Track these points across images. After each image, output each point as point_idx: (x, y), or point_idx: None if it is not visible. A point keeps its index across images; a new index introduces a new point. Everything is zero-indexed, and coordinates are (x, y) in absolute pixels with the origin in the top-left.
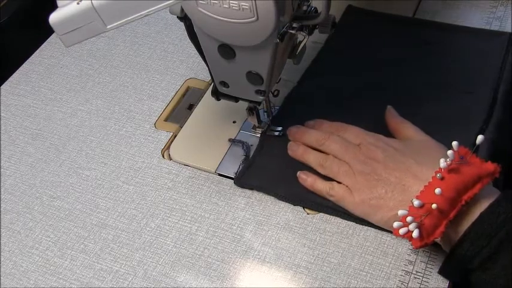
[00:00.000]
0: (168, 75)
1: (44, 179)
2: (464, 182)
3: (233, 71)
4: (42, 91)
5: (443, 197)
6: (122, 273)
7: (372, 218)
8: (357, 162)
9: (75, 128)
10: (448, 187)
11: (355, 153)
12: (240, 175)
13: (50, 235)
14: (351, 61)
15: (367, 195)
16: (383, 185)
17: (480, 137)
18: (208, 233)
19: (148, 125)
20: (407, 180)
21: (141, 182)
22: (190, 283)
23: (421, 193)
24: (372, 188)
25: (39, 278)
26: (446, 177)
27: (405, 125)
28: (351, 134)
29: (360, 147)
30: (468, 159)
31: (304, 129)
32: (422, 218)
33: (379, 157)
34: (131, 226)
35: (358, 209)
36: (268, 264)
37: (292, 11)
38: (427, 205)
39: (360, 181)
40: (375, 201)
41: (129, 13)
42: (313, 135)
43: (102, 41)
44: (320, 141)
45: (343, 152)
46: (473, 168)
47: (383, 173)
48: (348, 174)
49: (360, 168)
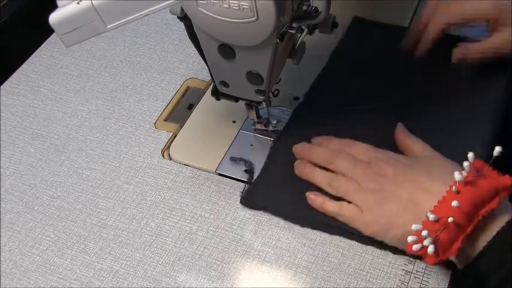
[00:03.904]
0: (168, 75)
1: (44, 179)
2: (481, 195)
3: (233, 70)
4: (42, 91)
5: (460, 211)
6: (122, 273)
7: (384, 237)
8: (367, 180)
9: (75, 128)
10: (465, 201)
11: (365, 170)
12: (246, 194)
13: (50, 235)
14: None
15: (378, 213)
16: (394, 201)
17: (497, 148)
18: (208, 232)
19: (148, 125)
20: (419, 196)
21: (141, 182)
22: (190, 283)
23: (436, 207)
24: (382, 206)
25: (39, 277)
26: (463, 190)
27: (414, 142)
28: (360, 150)
29: (369, 164)
30: (484, 172)
31: (311, 147)
32: (438, 233)
33: (389, 173)
34: (131, 226)
35: (370, 228)
36: (268, 264)
37: (292, 11)
38: (443, 219)
39: (370, 199)
40: (386, 219)
41: (129, 13)
42: (320, 153)
43: (102, 41)
44: (328, 160)
45: (352, 169)
46: (490, 181)
47: (393, 189)
48: (358, 192)
49: (369, 185)
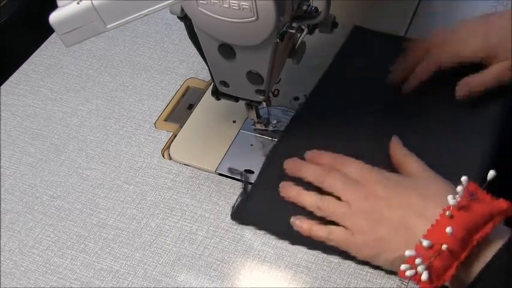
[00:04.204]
0: (168, 75)
1: (44, 179)
2: (476, 220)
3: (233, 70)
4: (42, 91)
5: (454, 237)
6: (122, 273)
7: (376, 261)
8: (358, 201)
9: (75, 128)
10: (459, 226)
11: (356, 191)
12: (237, 209)
13: (50, 235)
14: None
15: (370, 237)
16: (385, 224)
17: (491, 172)
18: (208, 232)
19: (148, 124)
20: (411, 219)
21: (141, 182)
22: (190, 283)
23: (429, 232)
24: (374, 228)
25: (39, 277)
26: (456, 215)
27: (409, 159)
28: (352, 168)
29: (361, 184)
30: (479, 196)
31: (302, 164)
32: (431, 260)
33: (381, 194)
34: (131, 226)
35: (362, 252)
36: (268, 264)
37: (292, 10)
38: (437, 246)
39: (361, 222)
40: (377, 242)
41: (129, 13)
42: (311, 171)
43: (102, 41)
44: (319, 179)
45: (343, 189)
46: (484, 205)
47: (385, 211)
48: (348, 215)
49: (360, 207)
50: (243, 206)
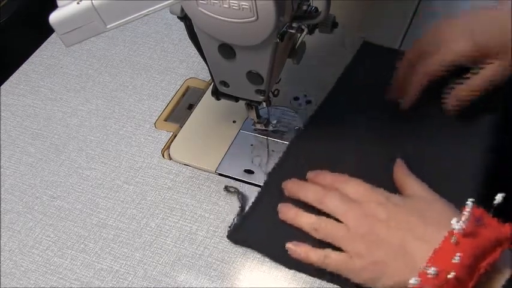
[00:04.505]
0: (168, 75)
1: (44, 179)
2: (483, 246)
3: (233, 70)
4: (42, 91)
5: (461, 265)
6: (122, 273)
7: (375, 285)
8: (356, 223)
9: (75, 128)
10: (466, 253)
11: (355, 213)
12: (233, 230)
13: (50, 235)
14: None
15: (368, 260)
16: (384, 248)
17: (499, 196)
18: (208, 232)
19: (148, 124)
20: (410, 243)
21: (141, 182)
22: (190, 283)
23: (434, 259)
24: (372, 251)
25: (39, 277)
26: (462, 241)
27: (411, 182)
28: (352, 188)
29: (361, 205)
30: (485, 221)
31: (301, 185)
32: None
33: (380, 215)
34: (131, 226)
35: (360, 277)
36: (268, 264)
37: (292, 10)
38: (442, 273)
39: (360, 245)
40: (376, 266)
41: (129, 13)
42: (310, 191)
43: (102, 41)
44: (318, 199)
45: (342, 210)
46: (491, 231)
47: (384, 233)
48: (347, 238)
49: (358, 229)
50: (240, 227)
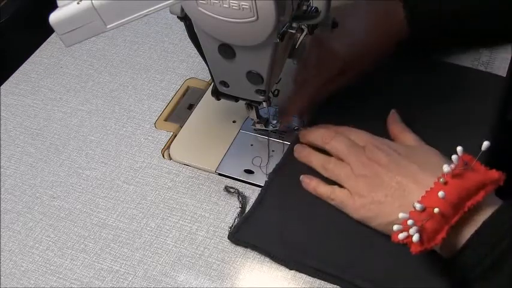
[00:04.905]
0: (168, 75)
1: (44, 179)
2: (468, 188)
3: (233, 70)
4: (42, 91)
5: (446, 202)
6: (122, 273)
7: (371, 223)
8: (359, 165)
9: (75, 128)
10: (451, 192)
11: (359, 155)
12: (234, 230)
13: (50, 235)
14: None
15: (367, 200)
16: (383, 189)
17: (486, 143)
18: (208, 232)
19: (148, 124)
20: (408, 186)
21: (141, 182)
22: (190, 283)
23: (423, 197)
24: (371, 192)
25: (39, 277)
26: (450, 182)
27: (405, 132)
28: (357, 135)
29: (364, 149)
30: (473, 166)
31: (312, 129)
32: (423, 222)
33: (382, 160)
34: (131, 226)
35: (358, 214)
36: (268, 264)
37: (292, 10)
38: (429, 209)
39: (361, 185)
40: (374, 205)
41: (129, 13)
42: (319, 133)
43: (102, 41)
44: (325, 140)
45: (347, 152)
46: (478, 175)
47: (385, 176)
48: (349, 177)
49: (361, 171)
50: (241, 227)
